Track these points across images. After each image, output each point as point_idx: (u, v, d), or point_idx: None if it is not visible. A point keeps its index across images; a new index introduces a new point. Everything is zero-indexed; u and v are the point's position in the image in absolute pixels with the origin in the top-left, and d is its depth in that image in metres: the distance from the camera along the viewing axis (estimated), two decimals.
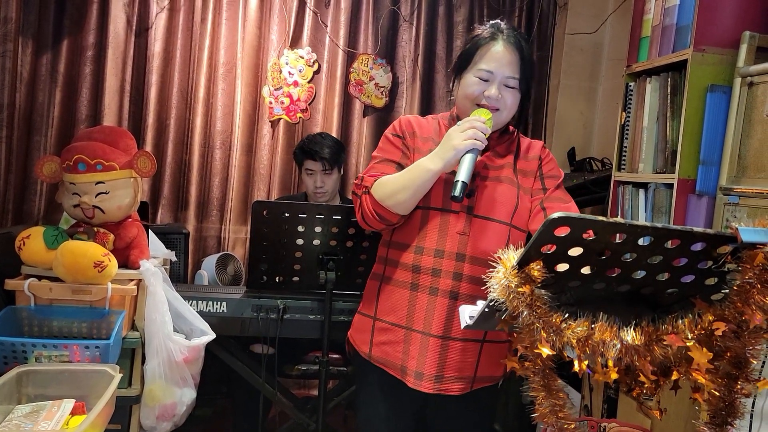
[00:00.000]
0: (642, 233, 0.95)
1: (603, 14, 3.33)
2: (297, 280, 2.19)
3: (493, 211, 1.56)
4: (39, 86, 2.97)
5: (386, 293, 1.63)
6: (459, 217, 1.55)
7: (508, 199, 1.57)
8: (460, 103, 1.61)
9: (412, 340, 1.56)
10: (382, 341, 1.61)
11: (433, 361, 1.54)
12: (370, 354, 1.64)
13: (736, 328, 0.96)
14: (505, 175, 1.60)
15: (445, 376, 1.55)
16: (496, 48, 1.56)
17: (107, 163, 1.90)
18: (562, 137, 3.44)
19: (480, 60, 1.56)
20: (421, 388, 1.54)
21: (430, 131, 1.65)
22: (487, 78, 1.55)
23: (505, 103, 1.56)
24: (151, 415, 1.93)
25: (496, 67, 1.54)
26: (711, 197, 1.97)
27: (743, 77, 1.92)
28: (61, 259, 1.77)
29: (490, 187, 1.58)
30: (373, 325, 1.64)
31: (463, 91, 1.58)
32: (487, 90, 1.55)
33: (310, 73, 3.23)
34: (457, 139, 1.46)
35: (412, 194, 1.52)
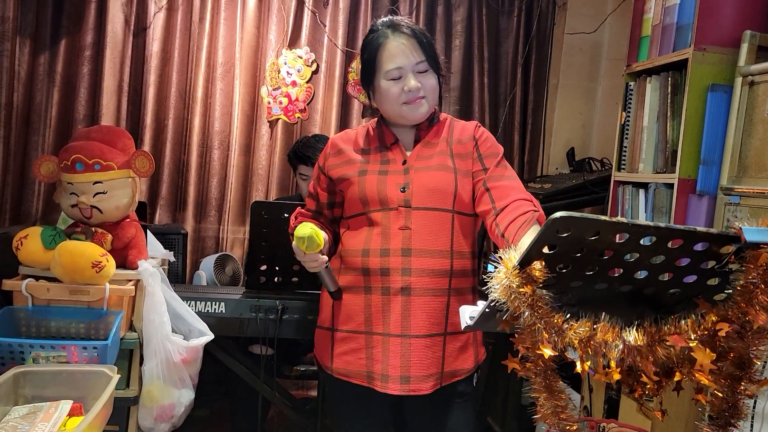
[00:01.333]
0: (644, 233, 0.94)
1: (602, 14, 3.33)
2: (296, 281, 2.18)
3: (431, 201, 1.54)
4: (37, 86, 2.97)
5: (340, 302, 1.61)
6: (398, 213, 1.53)
7: (445, 185, 1.55)
8: (386, 110, 1.60)
9: (373, 343, 1.54)
10: (344, 351, 1.58)
11: (396, 361, 1.52)
12: (332, 368, 1.60)
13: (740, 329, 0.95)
14: (438, 163, 1.58)
15: (411, 376, 1.52)
16: (391, 44, 1.56)
17: (105, 163, 1.89)
18: (562, 137, 3.43)
19: (383, 62, 1.56)
20: (389, 391, 1.52)
21: (359, 141, 1.66)
22: (399, 75, 1.55)
23: (426, 90, 1.56)
24: (149, 416, 1.92)
25: (401, 61, 1.54)
26: (712, 197, 1.97)
27: (744, 76, 1.92)
28: (58, 259, 1.76)
29: (424, 177, 1.56)
30: (332, 336, 1.61)
31: (384, 98, 1.58)
32: (405, 84, 1.54)
33: (308, 73, 3.22)
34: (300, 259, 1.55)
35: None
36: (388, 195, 1.54)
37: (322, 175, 1.68)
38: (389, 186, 1.55)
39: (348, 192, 1.61)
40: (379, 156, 1.62)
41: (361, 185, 1.57)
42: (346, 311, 1.59)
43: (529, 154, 3.47)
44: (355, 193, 1.58)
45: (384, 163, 1.60)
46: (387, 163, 1.60)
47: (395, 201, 1.54)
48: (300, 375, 2.62)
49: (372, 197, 1.56)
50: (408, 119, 1.59)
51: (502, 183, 1.54)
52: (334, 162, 1.65)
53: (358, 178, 1.58)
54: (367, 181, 1.57)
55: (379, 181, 1.56)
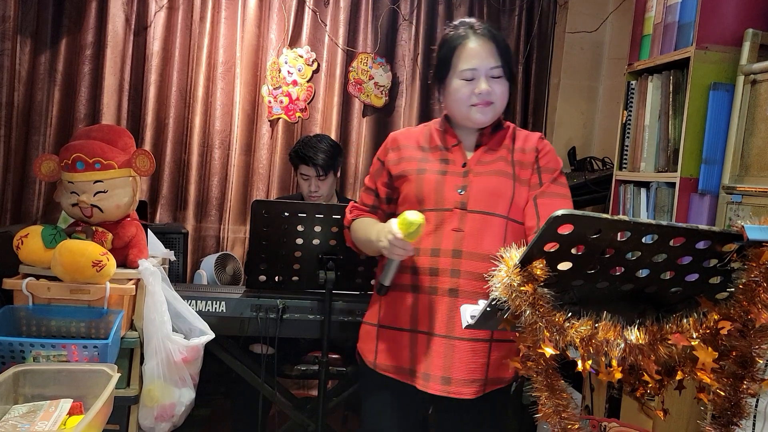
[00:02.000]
0: (646, 231, 0.94)
1: (603, 13, 3.32)
2: (296, 280, 2.17)
3: (487, 205, 1.54)
4: (37, 85, 2.96)
5: (388, 299, 1.62)
6: (453, 214, 1.54)
7: (502, 191, 1.56)
8: (453, 109, 1.60)
9: (418, 342, 1.55)
10: (388, 347, 1.60)
11: (438, 361, 1.52)
12: (375, 362, 1.62)
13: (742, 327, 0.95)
14: (498, 169, 1.59)
15: (453, 378, 1.52)
16: (470, 45, 1.55)
17: (106, 162, 1.89)
18: (563, 137, 3.43)
19: (459, 61, 1.56)
20: (429, 390, 1.53)
21: (420, 140, 1.67)
22: (472, 77, 1.55)
23: (495, 95, 1.56)
24: (149, 416, 1.92)
25: (477, 63, 1.54)
26: (713, 196, 1.96)
27: (746, 75, 1.91)
28: (59, 258, 1.76)
29: (483, 181, 1.56)
30: (377, 332, 1.64)
31: (453, 97, 1.58)
32: (477, 87, 1.54)
33: (309, 73, 3.21)
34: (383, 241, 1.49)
35: (370, 250, 1.67)
36: (445, 195, 1.55)
37: (384, 170, 1.68)
38: (447, 187, 1.56)
39: (404, 189, 1.61)
40: (438, 155, 1.62)
41: (419, 183, 1.58)
42: (392, 308, 1.60)
43: None
44: (411, 191, 1.59)
45: (443, 163, 1.60)
46: (446, 163, 1.60)
47: (451, 202, 1.54)
48: (301, 374, 2.61)
49: (428, 196, 1.56)
50: (473, 122, 1.58)
51: (551, 200, 1.56)
52: (394, 158, 1.66)
53: (416, 176, 1.59)
54: (425, 179, 1.57)
55: (437, 180, 1.57)
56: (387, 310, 1.62)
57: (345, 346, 2.59)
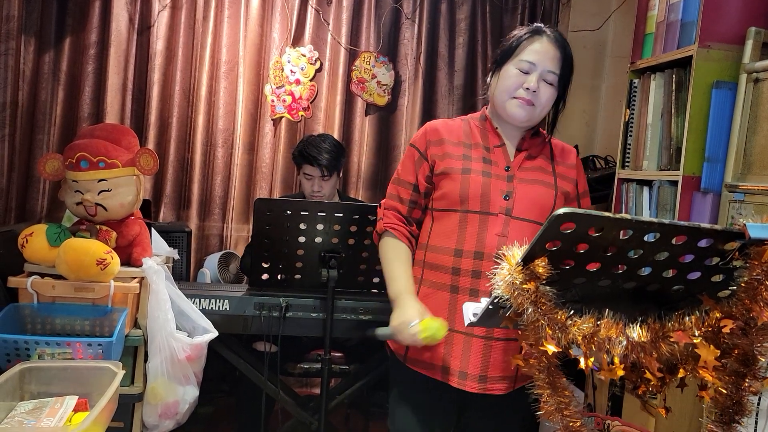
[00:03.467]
0: (648, 229, 0.94)
1: (606, 11, 3.32)
2: (299, 278, 2.18)
3: (530, 213, 1.55)
4: (41, 84, 2.98)
5: (425, 296, 1.60)
6: (497, 219, 1.53)
7: (545, 201, 1.57)
8: (497, 97, 1.59)
9: (454, 341, 1.55)
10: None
11: (476, 361, 1.53)
12: (406, 356, 1.61)
13: (744, 325, 0.96)
14: (541, 178, 1.60)
15: (489, 376, 1.54)
16: (539, 42, 1.55)
17: (110, 161, 1.90)
18: (565, 135, 3.40)
19: (522, 52, 1.55)
20: (466, 388, 1.53)
21: (460, 135, 1.63)
22: (528, 70, 1.54)
23: (540, 99, 1.55)
24: (153, 413, 1.92)
25: (538, 60, 1.53)
26: (716, 194, 1.96)
27: (749, 73, 1.91)
28: (63, 256, 1.77)
29: (527, 189, 1.56)
30: None
31: (502, 83, 1.57)
32: (527, 81, 1.53)
33: (312, 71, 3.22)
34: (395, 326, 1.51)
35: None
36: (492, 200, 1.53)
37: (425, 161, 1.62)
38: (493, 191, 1.54)
39: (445, 186, 1.57)
40: (481, 154, 1.59)
41: (465, 183, 1.54)
42: (429, 305, 1.57)
43: None
44: (455, 190, 1.55)
45: (486, 163, 1.58)
46: (489, 164, 1.58)
47: (497, 207, 1.53)
48: (304, 372, 2.62)
49: (474, 198, 1.53)
50: (509, 114, 1.57)
51: None
52: (438, 152, 1.60)
53: (461, 176, 1.55)
54: (471, 180, 1.54)
55: (483, 182, 1.54)
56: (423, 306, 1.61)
57: (348, 344, 2.60)
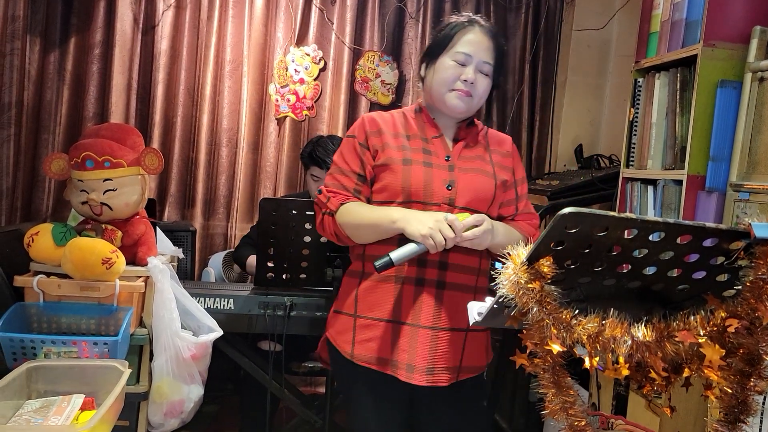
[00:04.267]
0: (653, 229, 0.94)
1: (610, 10, 3.31)
2: (304, 278, 2.18)
3: (473, 202, 1.56)
4: (47, 84, 2.99)
5: (367, 289, 1.59)
6: (440, 209, 1.53)
7: (486, 190, 1.58)
8: (434, 89, 1.59)
9: (401, 333, 1.54)
10: (366, 338, 1.57)
11: (424, 352, 1.53)
12: (352, 353, 1.58)
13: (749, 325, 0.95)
14: (481, 167, 1.61)
15: (435, 367, 1.54)
16: (473, 34, 1.57)
17: (115, 160, 1.91)
18: (570, 134, 3.42)
19: (456, 44, 1.56)
20: (414, 381, 1.52)
21: (398, 126, 1.63)
22: (464, 61, 1.55)
23: (477, 90, 1.57)
24: (158, 412, 1.93)
25: (473, 51, 1.55)
26: (721, 194, 1.96)
27: (754, 72, 1.90)
28: (69, 255, 1.78)
29: (468, 178, 1.57)
30: (354, 323, 1.59)
31: (439, 76, 1.57)
32: (464, 73, 1.55)
33: (316, 71, 3.22)
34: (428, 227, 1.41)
35: (374, 236, 1.55)
36: (434, 190, 1.53)
37: (368, 150, 1.60)
38: (435, 180, 1.54)
39: (385, 178, 1.57)
40: (420, 144, 1.59)
41: (406, 175, 1.54)
42: (373, 299, 1.57)
43: (537, 151, 3.46)
44: (396, 182, 1.55)
45: (426, 154, 1.58)
46: (429, 154, 1.58)
47: (440, 197, 1.54)
48: (308, 371, 2.63)
49: (417, 189, 1.54)
50: (447, 107, 1.58)
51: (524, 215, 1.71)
52: (377, 142, 1.60)
53: (402, 167, 1.55)
54: (413, 171, 1.54)
55: (425, 173, 1.54)
56: (365, 300, 1.58)
57: None
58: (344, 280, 1.67)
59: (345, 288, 1.66)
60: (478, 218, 1.46)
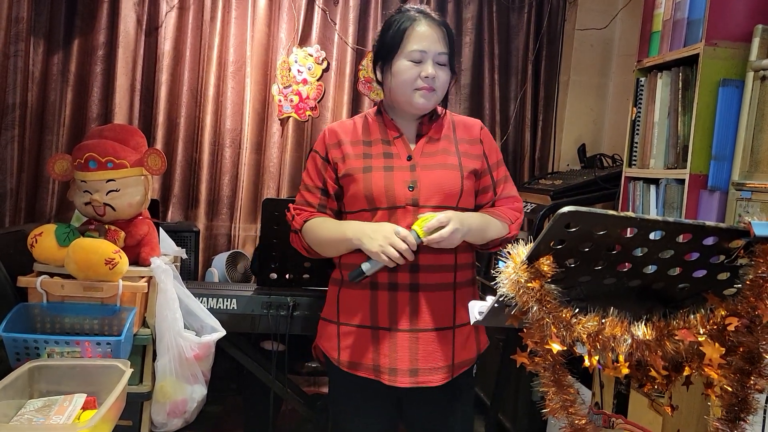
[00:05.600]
0: (653, 227, 0.95)
1: (613, 9, 3.31)
2: (307, 278, 2.19)
3: (438, 200, 1.54)
4: (50, 85, 3.00)
5: (346, 296, 1.60)
6: (406, 211, 1.52)
7: (452, 185, 1.55)
8: (397, 92, 1.57)
9: (380, 338, 1.54)
10: (349, 345, 1.58)
11: (404, 355, 1.53)
12: (339, 360, 1.60)
13: (749, 323, 0.95)
14: (444, 161, 1.58)
15: (420, 368, 1.53)
16: (421, 28, 1.54)
17: (118, 161, 1.92)
18: (572, 133, 3.42)
19: (408, 42, 1.54)
20: (398, 384, 1.52)
21: (358, 133, 1.62)
22: (420, 59, 1.53)
23: (438, 83, 1.55)
24: (161, 412, 1.94)
25: (427, 46, 1.53)
26: (723, 192, 1.95)
27: (756, 71, 1.90)
28: (72, 256, 1.79)
29: (431, 175, 1.55)
30: (338, 330, 1.61)
31: (399, 79, 1.55)
32: (423, 70, 1.53)
33: (319, 71, 3.23)
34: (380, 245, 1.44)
35: (336, 252, 1.59)
36: (396, 193, 1.52)
37: (329, 165, 1.61)
38: (396, 184, 1.53)
39: (351, 188, 1.57)
40: (381, 149, 1.58)
41: (367, 183, 1.54)
42: (350, 306, 1.58)
43: (540, 150, 3.46)
44: (359, 191, 1.55)
45: (387, 158, 1.57)
46: (390, 157, 1.57)
47: (403, 199, 1.52)
48: (311, 371, 2.64)
49: (379, 196, 1.53)
50: (414, 107, 1.56)
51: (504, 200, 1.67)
52: (338, 155, 1.60)
53: (363, 176, 1.55)
54: (373, 178, 1.54)
55: (386, 178, 1.53)
56: (345, 308, 1.60)
57: None
58: (328, 289, 1.69)
59: (329, 295, 1.68)
60: (442, 219, 1.44)
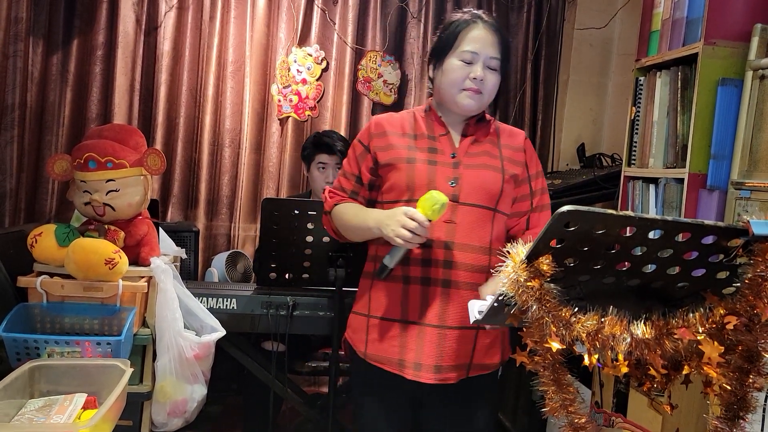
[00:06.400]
0: (652, 226, 0.95)
1: (612, 9, 3.31)
2: (307, 277, 2.19)
3: (478, 198, 1.56)
4: (50, 86, 3.00)
5: (378, 289, 1.62)
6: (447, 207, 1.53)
7: (492, 186, 1.58)
8: (444, 90, 1.60)
9: (408, 332, 1.56)
10: (377, 338, 1.60)
11: (431, 351, 1.54)
12: (366, 352, 1.62)
13: (748, 322, 0.96)
14: (487, 162, 1.61)
15: (443, 365, 1.55)
16: (477, 31, 1.58)
17: (117, 161, 1.92)
18: (572, 133, 3.42)
19: (462, 43, 1.57)
20: (421, 379, 1.54)
21: (405, 126, 1.65)
22: (471, 60, 1.56)
23: (486, 86, 1.58)
24: (162, 412, 1.94)
25: (479, 48, 1.56)
26: (722, 192, 1.95)
27: (755, 70, 1.90)
28: (72, 256, 1.79)
29: (473, 174, 1.58)
30: (367, 322, 1.63)
31: (448, 77, 1.58)
32: (472, 72, 1.56)
33: (318, 71, 3.23)
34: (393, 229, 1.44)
35: (361, 237, 1.64)
36: (437, 187, 1.53)
37: (368, 154, 1.65)
38: (439, 178, 1.56)
39: (392, 178, 1.60)
40: (426, 143, 1.61)
41: (410, 173, 1.56)
42: (382, 298, 1.60)
43: (539, 150, 3.46)
44: (401, 180, 1.57)
45: (431, 152, 1.60)
46: (434, 152, 1.60)
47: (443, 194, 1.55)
48: (311, 371, 2.63)
49: (420, 187, 1.55)
50: (460, 107, 1.59)
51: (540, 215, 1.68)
52: (381, 144, 1.63)
53: (406, 165, 1.57)
54: (416, 169, 1.56)
55: (429, 171, 1.56)
56: (377, 301, 1.62)
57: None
58: (360, 282, 1.71)
59: (360, 289, 1.71)
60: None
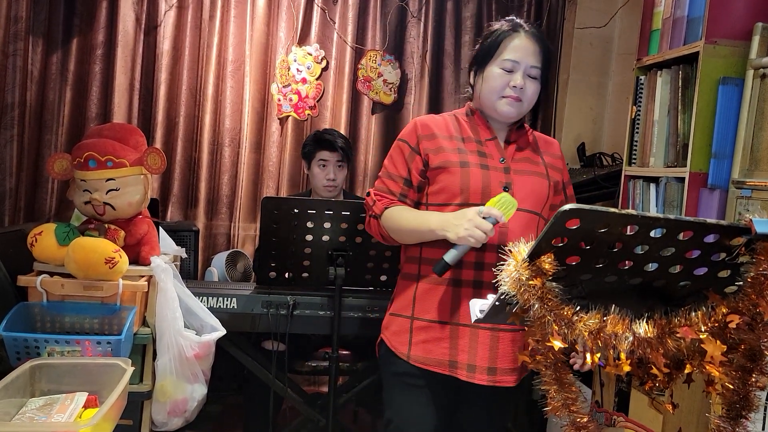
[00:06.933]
0: (654, 225, 0.95)
1: (612, 8, 3.31)
2: (306, 276, 2.19)
3: (528, 203, 1.59)
4: (49, 85, 3.00)
5: (425, 292, 1.61)
6: None
7: (540, 190, 1.62)
8: (484, 97, 1.62)
9: (460, 334, 1.57)
10: (424, 339, 1.59)
11: (485, 353, 1.55)
12: (409, 354, 1.61)
13: (750, 321, 0.96)
14: (535, 169, 1.64)
15: (498, 368, 1.56)
16: (518, 40, 1.59)
17: (117, 160, 1.91)
18: (572, 132, 3.42)
19: (503, 51, 1.59)
20: (476, 381, 1.55)
21: (450, 129, 1.66)
22: (512, 68, 1.58)
23: (526, 94, 1.59)
24: (162, 411, 1.94)
25: (521, 57, 1.57)
26: (723, 191, 1.95)
27: (755, 69, 1.90)
28: (72, 255, 1.78)
29: (524, 180, 1.61)
30: (411, 324, 1.62)
31: (489, 84, 1.60)
32: (513, 80, 1.57)
33: (318, 70, 3.23)
34: (467, 228, 1.44)
35: (415, 240, 1.62)
36: (492, 191, 1.55)
37: (418, 155, 1.63)
38: (493, 182, 1.57)
39: (442, 180, 1.59)
40: (475, 147, 1.62)
41: (465, 177, 1.57)
42: (430, 301, 1.60)
43: None
44: (454, 184, 1.57)
45: (482, 156, 1.61)
46: (484, 156, 1.61)
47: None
48: (311, 371, 2.63)
49: (475, 190, 1.56)
50: (499, 114, 1.61)
51: None
52: (430, 146, 1.62)
53: (460, 169, 1.58)
54: (471, 173, 1.57)
55: (483, 175, 1.57)
56: (423, 303, 1.61)
57: (355, 343, 2.60)
58: (399, 283, 1.70)
59: (400, 291, 1.69)
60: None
